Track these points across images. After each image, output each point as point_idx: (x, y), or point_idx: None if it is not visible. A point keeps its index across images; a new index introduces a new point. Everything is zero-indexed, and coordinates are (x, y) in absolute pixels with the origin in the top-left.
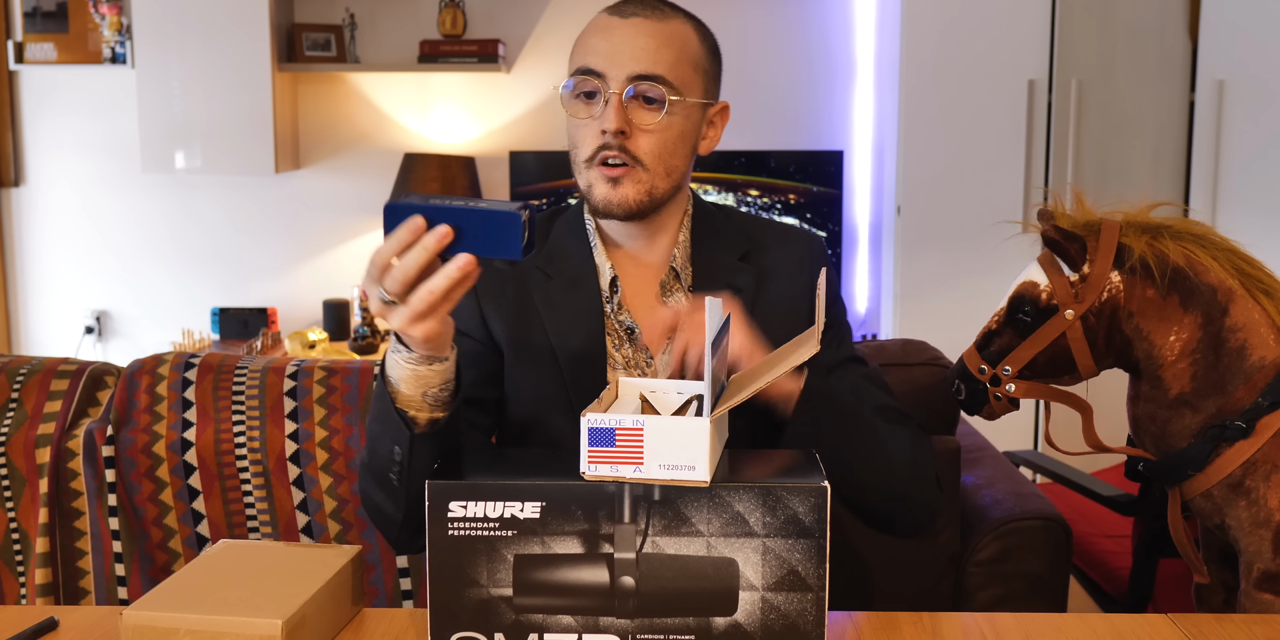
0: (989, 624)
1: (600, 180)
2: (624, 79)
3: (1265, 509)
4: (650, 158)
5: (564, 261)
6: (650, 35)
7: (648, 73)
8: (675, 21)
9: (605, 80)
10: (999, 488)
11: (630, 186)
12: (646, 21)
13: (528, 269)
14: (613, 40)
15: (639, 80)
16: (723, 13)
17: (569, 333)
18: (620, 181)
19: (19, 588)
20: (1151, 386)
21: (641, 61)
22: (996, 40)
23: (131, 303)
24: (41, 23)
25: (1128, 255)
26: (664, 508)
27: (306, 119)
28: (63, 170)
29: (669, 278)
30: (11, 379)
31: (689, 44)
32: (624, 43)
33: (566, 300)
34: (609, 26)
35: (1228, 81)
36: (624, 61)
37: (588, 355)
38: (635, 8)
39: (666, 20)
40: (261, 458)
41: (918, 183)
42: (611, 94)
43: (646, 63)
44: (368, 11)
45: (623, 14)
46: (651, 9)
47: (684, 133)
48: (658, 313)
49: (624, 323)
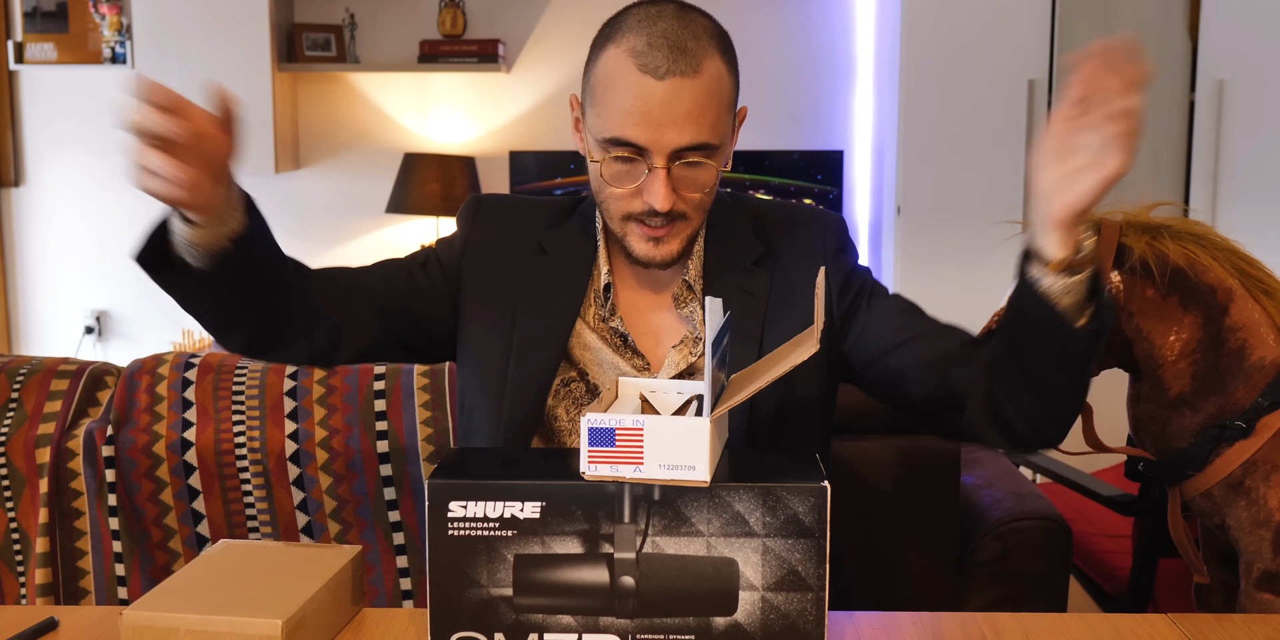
0: (989, 624)
1: (640, 238)
2: (668, 152)
3: (1265, 509)
4: (692, 209)
5: (565, 246)
6: (692, 98)
7: (694, 143)
8: (707, 62)
9: (647, 154)
10: (999, 488)
11: (673, 242)
12: (684, 81)
13: (529, 239)
14: (651, 109)
15: (685, 151)
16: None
17: (537, 308)
18: (663, 240)
19: (19, 588)
20: (1151, 386)
21: (686, 132)
22: (996, 40)
23: (131, 303)
24: (41, 23)
25: (1128, 255)
26: (664, 508)
27: (306, 119)
28: (63, 170)
29: (682, 289)
30: (11, 379)
31: (723, 86)
32: (665, 112)
33: (549, 281)
34: (645, 91)
35: (1228, 81)
36: (668, 134)
37: (545, 338)
38: (668, 62)
39: (701, 68)
40: (261, 458)
41: (918, 183)
42: (657, 169)
43: (691, 133)
44: (368, 11)
45: (658, 74)
46: (682, 58)
47: (719, 169)
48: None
49: (616, 329)
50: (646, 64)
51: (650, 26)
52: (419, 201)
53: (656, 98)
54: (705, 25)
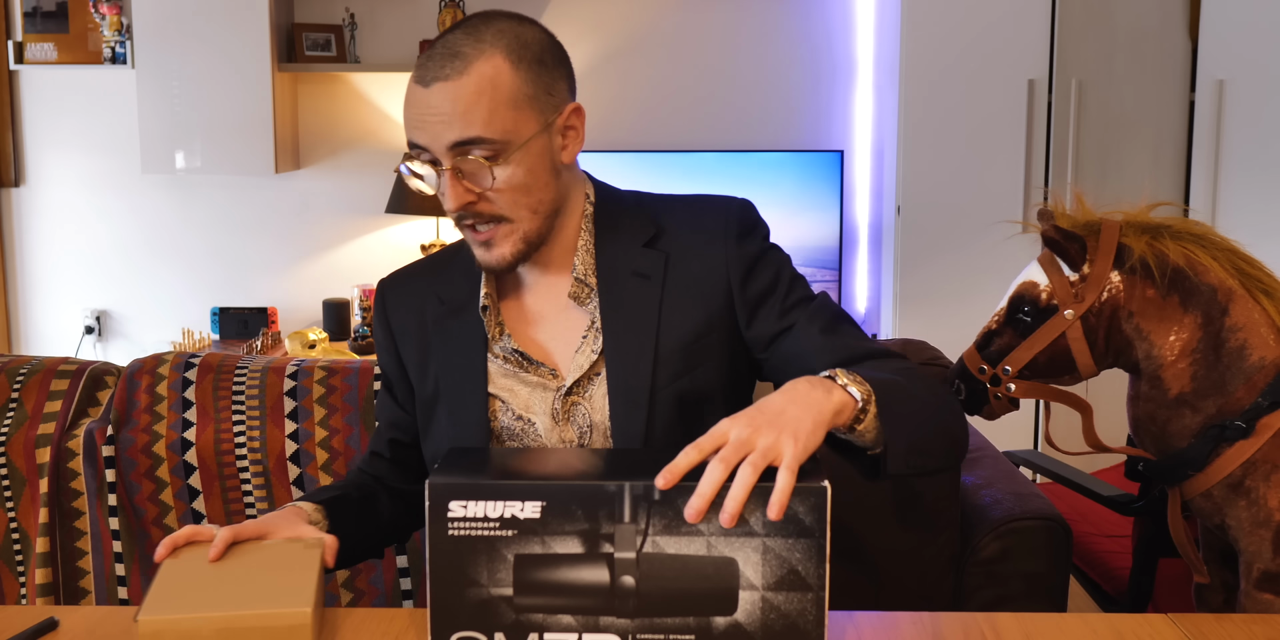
0: (989, 624)
1: (473, 244)
2: (445, 150)
3: (1265, 509)
4: (509, 209)
5: (455, 289)
6: (453, 99)
7: (463, 138)
8: (476, 65)
9: (432, 154)
10: (999, 488)
11: (504, 245)
12: (446, 84)
13: (430, 297)
14: (422, 113)
15: (459, 147)
16: (723, 13)
17: (450, 364)
18: (491, 243)
19: (19, 588)
20: (1151, 386)
21: (454, 128)
22: (997, 40)
23: (131, 303)
24: (41, 23)
25: (1128, 255)
26: (664, 507)
27: (306, 119)
28: (63, 170)
29: (576, 287)
30: (11, 379)
31: (499, 86)
32: (431, 113)
33: (453, 329)
34: (414, 98)
35: (1228, 81)
36: (438, 132)
37: (464, 386)
38: (435, 69)
39: (467, 71)
40: (261, 458)
41: (918, 183)
42: (443, 170)
43: (459, 129)
44: (368, 11)
45: (424, 81)
46: (449, 63)
47: (533, 167)
48: None
49: (506, 347)
50: (420, 75)
51: (441, 39)
52: (419, 202)
53: (425, 104)
54: (501, 28)
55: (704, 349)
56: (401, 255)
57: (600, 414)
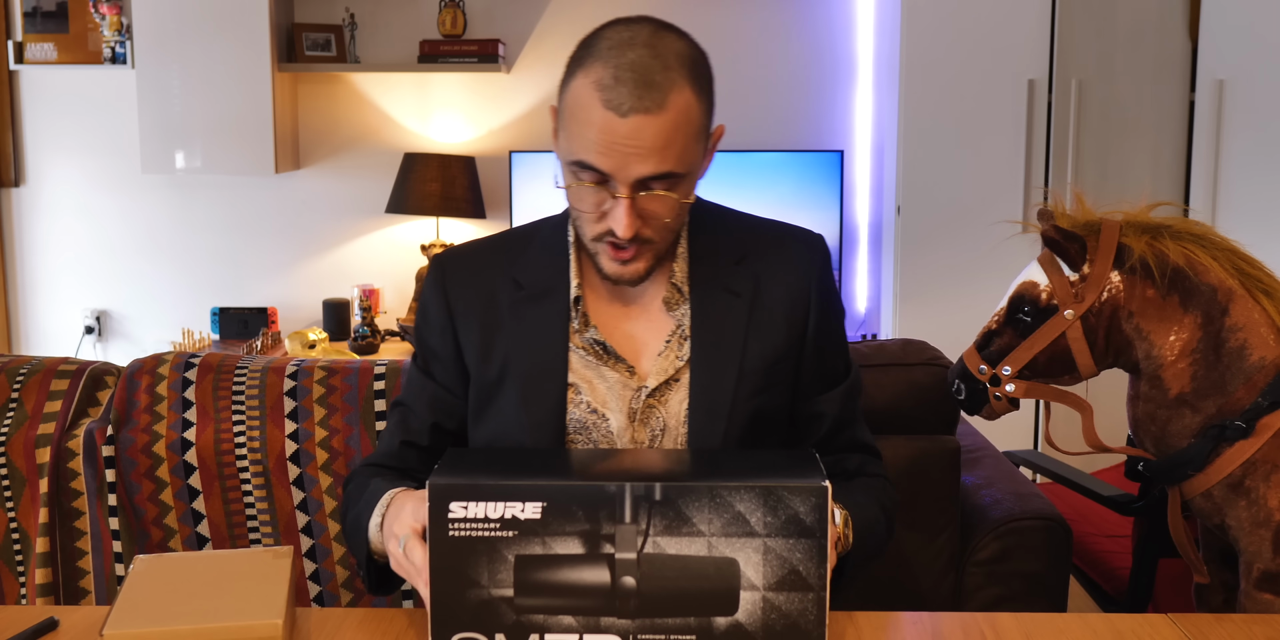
0: (989, 624)
1: (609, 258)
2: (631, 182)
3: (1265, 509)
4: (660, 234)
5: (537, 273)
6: (653, 134)
7: (656, 173)
8: (672, 98)
9: (611, 181)
10: (999, 488)
11: (641, 263)
12: (647, 118)
13: (504, 279)
14: (614, 141)
15: (650, 181)
16: (724, 13)
17: (527, 348)
18: (630, 261)
19: (19, 588)
20: (1151, 386)
21: (649, 163)
22: (996, 40)
23: (131, 303)
24: (41, 23)
25: (1128, 255)
26: (665, 508)
27: (306, 119)
28: (63, 170)
29: (670, 292)
30: (11, 379)
31: (691, 120)
32: (627, 145)
33: (532, 314)
34: (607, 125)
35: (1228, 81)
36: (631, 165)
37: (543, 372)
38: (631, 98)
39: (665, 105)
40: (261, 458)
41: (918, 183)
42: (620, 199)
43: (654, 164)
44: (368, 11)
45: (620, 111)
46: (647, 94)
47: (688, 191)
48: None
49: (595, 340)
50: (610, 100)
51: (619, 57)
52: (419, 201)
53: (620, 134)
54: (678, 51)
55: (779, 372)
56: (401, 255)
57: (675, 420)
